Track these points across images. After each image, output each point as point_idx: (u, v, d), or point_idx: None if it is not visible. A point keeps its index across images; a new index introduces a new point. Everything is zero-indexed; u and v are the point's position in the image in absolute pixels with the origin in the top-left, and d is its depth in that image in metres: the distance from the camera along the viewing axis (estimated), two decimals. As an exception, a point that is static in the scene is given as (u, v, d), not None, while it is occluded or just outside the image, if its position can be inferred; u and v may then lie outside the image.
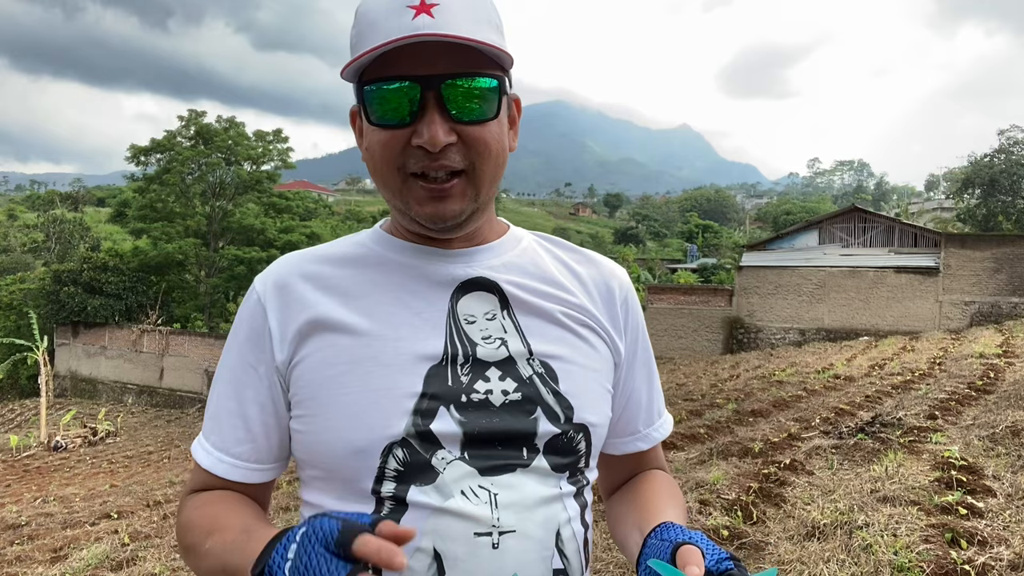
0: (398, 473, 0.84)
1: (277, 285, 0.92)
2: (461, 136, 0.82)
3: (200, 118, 32.97)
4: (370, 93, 0.83)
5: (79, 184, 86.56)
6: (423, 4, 0.79)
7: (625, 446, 1.05)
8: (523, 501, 0.85)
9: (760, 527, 4.21)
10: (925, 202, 63.10)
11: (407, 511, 0.83)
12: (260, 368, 0.91)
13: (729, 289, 22.88)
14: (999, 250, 19.68)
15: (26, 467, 16.27)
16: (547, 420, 0.88)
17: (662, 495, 0.99)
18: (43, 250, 45.43)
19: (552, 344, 0.91)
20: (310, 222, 38.34)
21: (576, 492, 0.91)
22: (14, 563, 6.14)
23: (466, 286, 0.91)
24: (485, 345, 0.89)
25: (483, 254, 0.94)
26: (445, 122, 0.81)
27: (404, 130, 0.82)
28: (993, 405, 7.26)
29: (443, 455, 0.84)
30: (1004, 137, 32.62)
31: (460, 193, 0.85)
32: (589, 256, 1.03)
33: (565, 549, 0.88)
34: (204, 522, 0.88)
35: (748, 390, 11.69)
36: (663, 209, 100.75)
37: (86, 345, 29.79)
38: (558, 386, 0.90)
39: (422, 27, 0.78)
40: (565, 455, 0.89)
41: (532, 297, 0.93)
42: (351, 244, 0.96)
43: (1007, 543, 3.52)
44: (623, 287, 1.02)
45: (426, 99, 0.81)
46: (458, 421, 0.85)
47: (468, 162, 0.84)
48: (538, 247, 1.00)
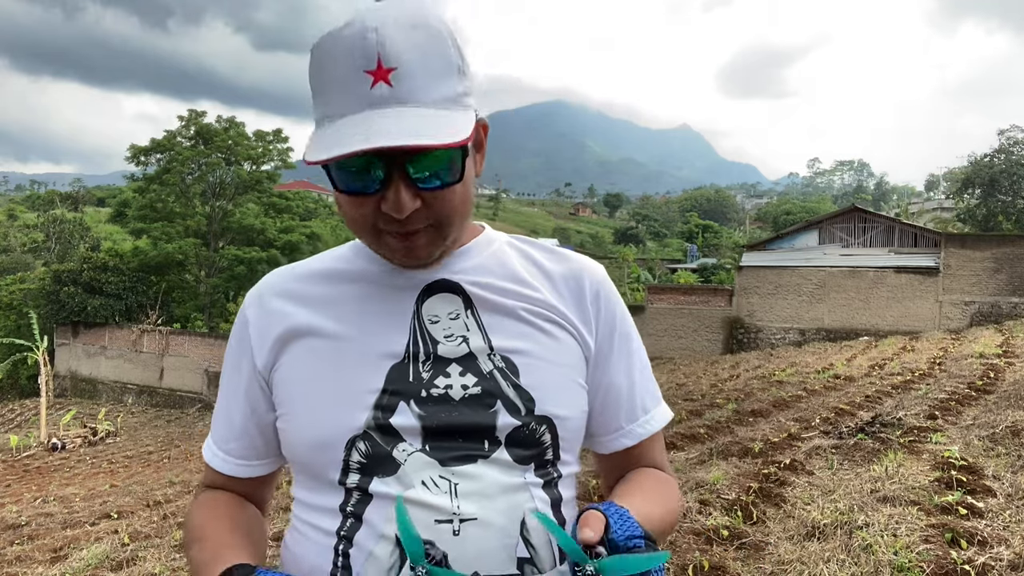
0: (361, 465, 0.88)
1: (256, 302, 1.00)
2: (425, 201, 0.84)
3: (200, 118, 33.00)
4: (336, 167, 0.83)
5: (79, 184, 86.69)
6: (380, 68, 0.79)
7: (611, 444, 1.04)
8: (484, 490, 0.86)
9: (760, 527, 4.21)
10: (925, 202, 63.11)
11: (371, 501, 0.87)
12: (243, 372, 1.00)
13: (729, 289, 22.88)
14: (999, 250, 19.68)
15: (26, 467, 16.27)
16: (507, 413, 0.89)
17: (639, 487, 0.99)
18: (43, 250, 45.45)
19: (513, 339, 0.93)
20: (310, 222, 38.37)
21: (545, 483, 0.92)
22: (14, 563, 6.14)
23: (431, 288, 0.95)
24: (447, 343, 0.92)
25: (450, 260, 0.97)
26: (410, 189, 0.83)
27: (372, 197, 0.84)
28: (993, 405, 7.27)
29: (404, 447, 0.87)
30: (1004, 137, 32.64)
31: (429, 243, 0.89)
32: (562, 254, 1.05)
33: (531, 539, 0.88)
34: (195, 527, 0.99)
35: (748, 390, 11.69)
36: (663, 209, 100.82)
37: (86, 345, 29.81)
38: (519, 379, 0.91)
39: (379, 101, 0.79)
40: (527, 447, 0.90)
41: (494, 295, 0.96)
42: (332, 258, 1.02)
43: (1007, 543, 3.52)
44: (594, 281, 1.02)
45: (390, 172, 0.81)
46: (417, 415, 0.88)
47: (434, 219, 0.87)
48: (509, 248, 1.02)
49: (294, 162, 36.06)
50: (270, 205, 34.65)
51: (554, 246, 1.07)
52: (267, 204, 34.51)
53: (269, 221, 33.77)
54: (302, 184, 78.64)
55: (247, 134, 33.39)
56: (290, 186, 52.59)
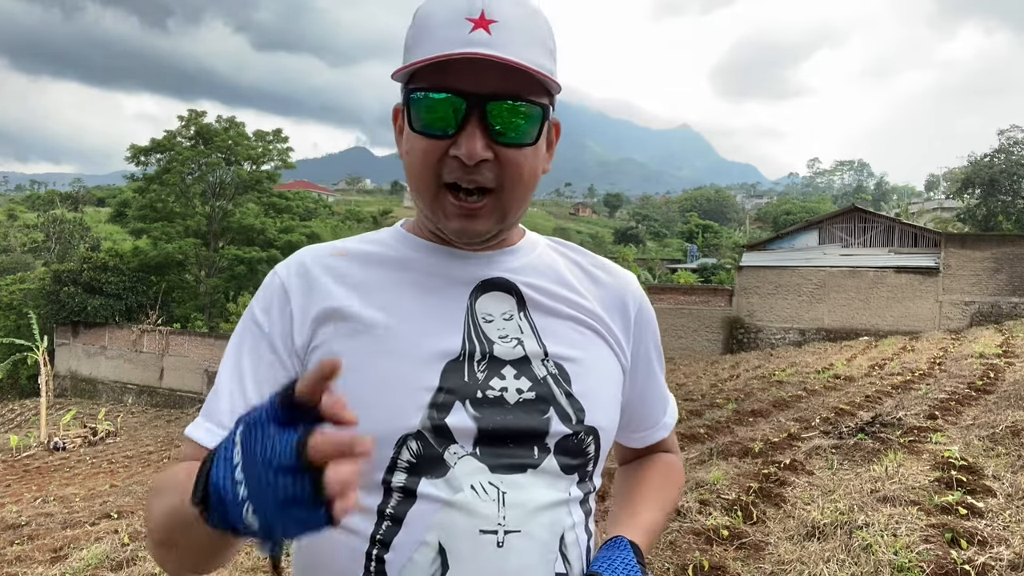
0: (410, 465, 0.84)
1: (300, 272, 0.93)
2: (497, 155, 0.83)
3: (200, 118, 33.01)
4: (416, 100, 0.84)
5: (79, 184, 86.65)
6: (482, 19, 0.80)
7: (647, 438, 1.13)
8: (530, 502, 0.85)
9: (760, 527, 4.21)
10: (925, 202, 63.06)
11: (415, 503, 0.84)
12: (276, 347, 0.89)
13: (729, 289, 22.88)
14: (999, 250, 19.68)
15: (26, 467, 16.27)
16: (559, 420, 0.89)
17: (650, 487, 1.07)
18: (43, 250, 45.43)
19: (567, 346, 0.93)
20: (310, 222, 38.38)
21: (583, 498, 0.93)
22: (14, 563, 6.13)
23: (485, 286, 0.93)
24: (502, 344, 0.90)
25: (502, 257, 0.95)
26: (484, 138, 0.82)
27: (444, 141, 0.83)
28: (993, 405, 7.27)
29: (455, 450, 0.85)
30: (1004, 137, 32.66)
31: (488, 213, 0.87)
32: (604, 264, 1.06)
33: (568, 554, 0.89)
34: (155, 487, 0.85)
35: (748, 390, 11.69)
36: (663, 209, 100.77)
37: (86, 345, 29.80)
38: (571, 387, 0.91)
39: (477, 43, 0.79)
40: (575, 456, 0.90)
41: (548, 300, 0.95)
42: (371, 242, 0.97)
43: (1007, 543, 3.52)
44: (636, 298, 1.04)
45: (470, 114, 0.82)
46: (473, 417, 0.86)
47: (499, 182, 0.85)
48: (553, 252, 1.02)
49: (294, 162, 36.08)
50: (270, 205, 34.67)
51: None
52: (267, 204, 34.53)
53: (269, 221, 33.78)
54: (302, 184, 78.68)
55: (247, 134, 33.40)
56: (290, 186, 52.69)
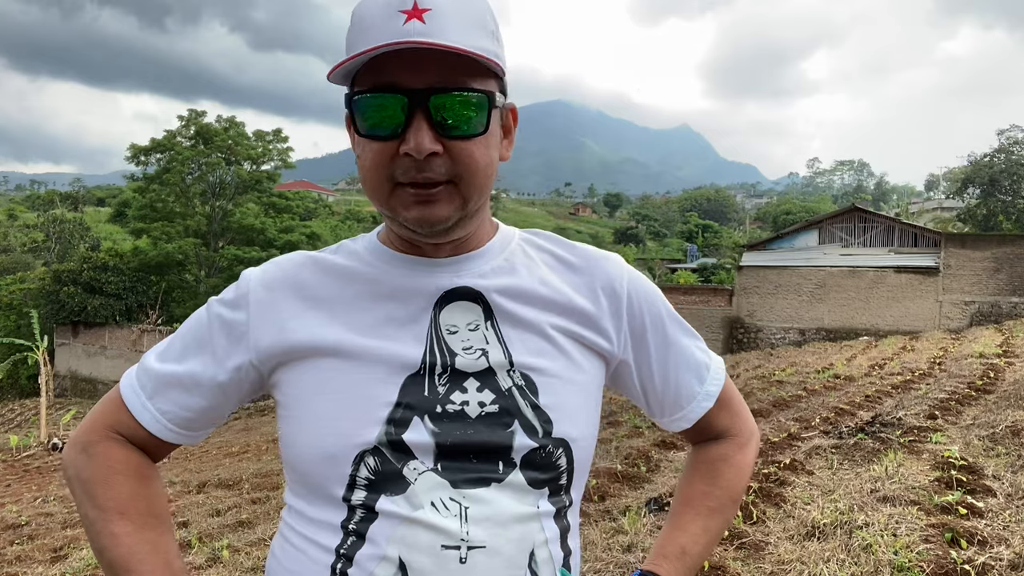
0: (369, 482, 0.84)
1: (267, 287, 0.92)
2: (447, 149, 0.81)
3: (200, 118, 32.99)
4: (358, 103, 0.82)
5: (79, 184, 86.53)
6: (415, 9, 0.78)
7: (688, 416, 1.03)
8: (495, 517, 0.83)
9: (760, 527, 4.21)
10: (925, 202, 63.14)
11: (376, 519, 0.83)
12: (217, 352, 0.91)
13: (729, 289, 22.88)
14: (999, 250, 19.68)
15: (26, 467, 16.26)
16: (524, 433, 0.86)
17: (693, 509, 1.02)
18: (43, 250, 45.42)
19: (535, 356, 0.89)
20: (310, 222, 38.39)
21: (555, 513, 0.89)
22: (14, 563, 6.13)
23: (450, 296, 0.90)
24: (465, 355, 0.87)
25: (471, 262, 0.92)
26: (431, 132, 0.80)
27: (392, 142, 0.81)
28: (993, 405, 7.27)
29: (415, 465, 0.83)
30: (1004, 137, 32.69)
31: (447, 199, 0.83)
32: (579, 249, 1.00)
33: (539, 571, 0.85)
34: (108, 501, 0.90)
35: (748, 390, 11.69)
36: (663, 209, 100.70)
37: (86, 345, 29.80)
38: (537, 399, 0.88)
39: (411, 33, 0.77)
40: (543, 470, 0.87)
41: (518, 307, 0.91)
42: (345, 253, 0.95)
43: (1007, 543, 3.52)
44: (622, 274, 0.98)
45: (413, 110, 0.80)
46: (431, 432, 0.84)
47: (454, 174, 0.82)
48: (528, 247, 0.97)
49: (294, 162, 36.07)
50: (270, 205, 34.61)
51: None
52: (267, 204, 34.47)
53: (269, 221, 33.72)
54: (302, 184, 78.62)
55: (247, 134, 33.38)
56: (290, 186, 52.60)
